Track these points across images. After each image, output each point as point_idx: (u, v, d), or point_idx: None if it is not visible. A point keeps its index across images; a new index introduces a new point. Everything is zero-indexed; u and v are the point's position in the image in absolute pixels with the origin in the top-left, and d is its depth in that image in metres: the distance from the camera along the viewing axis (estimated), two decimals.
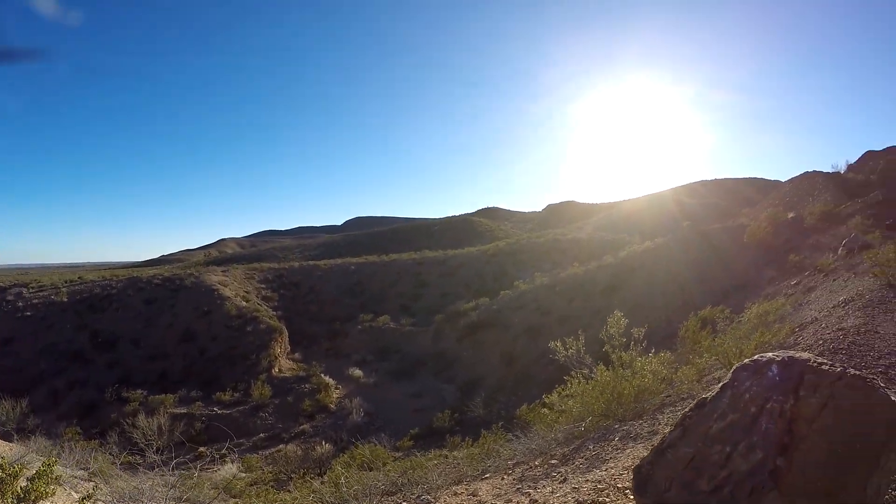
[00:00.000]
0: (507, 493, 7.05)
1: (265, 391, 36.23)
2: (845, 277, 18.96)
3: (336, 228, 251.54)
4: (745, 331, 13.27)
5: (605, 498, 5.93)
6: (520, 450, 9.72)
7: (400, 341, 48.87)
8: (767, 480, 3.61)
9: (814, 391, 3.79)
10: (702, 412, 4.24)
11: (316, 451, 24.59)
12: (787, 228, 33.22)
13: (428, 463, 10.38)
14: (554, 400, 10.88)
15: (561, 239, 74.70)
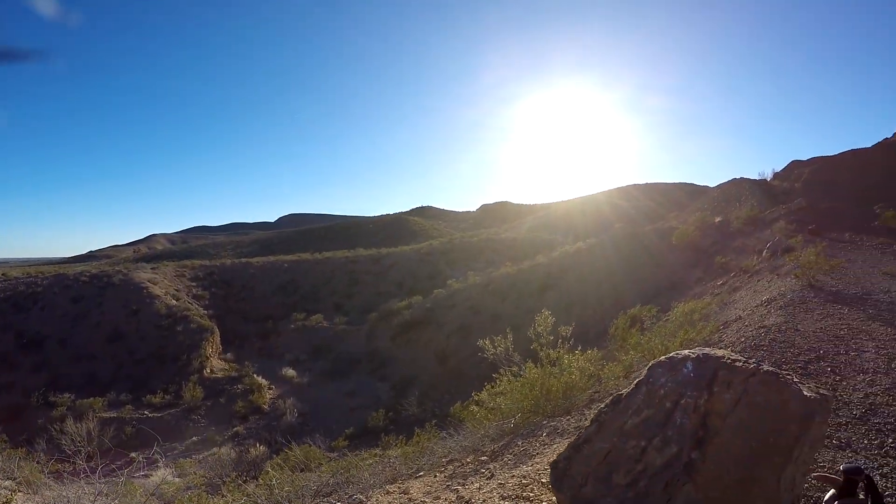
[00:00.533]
0: (437, 491, 7.07)
1: (197, 393, 35.45)
2: (769, 278, 19.56)
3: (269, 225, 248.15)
4: (671, 329, 13.58)
5: (530, 493, 6.00)
6: (453, 447, 9.74)
7: (333, 340, 48.46)
8: (682, 474, 3.70)
9: (728, 387, 3.89)
10: (617, 408, 4.32)
11: (250, 453, 24.23)
12: (715, 231, 34.22)
13: (362, 463, 10.34)
14: (484, 397, 10.94)
15: (494, 239, 75.20)
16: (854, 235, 27.30)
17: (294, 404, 34.31)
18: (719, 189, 59.01)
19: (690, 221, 38.36)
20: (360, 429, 28.69)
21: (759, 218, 34.22)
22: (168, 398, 35.74)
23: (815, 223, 29.56)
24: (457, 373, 33.69)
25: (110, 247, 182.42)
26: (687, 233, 33.70)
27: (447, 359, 37.07)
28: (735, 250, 28.87)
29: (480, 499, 6.14)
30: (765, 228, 31.06)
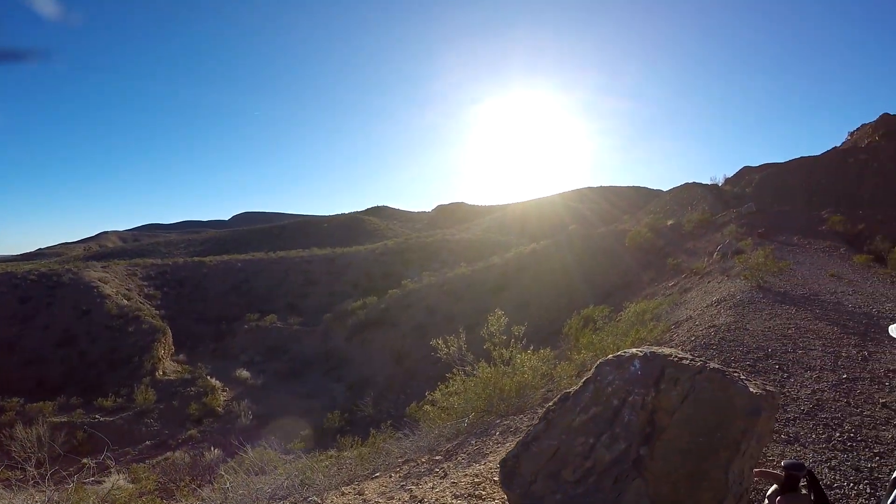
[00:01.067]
0: (391, 491, 7.07)
1: (149, 396, 34.74)
2: (719, 280, 19.94)
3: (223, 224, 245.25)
4: (623, 328, 13.76)
5: (482, 491, 6.02)
6: (408, 448, 9.74)
7: (288, 341, 48.12)
8: (631, 469, 3.77)
9: (674, 384, 3.96)
10: (565, 406, 4.36)
11: (204, 457, 23.87)
12: (667, 234, 34.84)
13: (318, 465, 10.28)
14: (438, 397, 10.96)
15: (450, 239, 75.41)
16: (802, 239, 27.96)
17: (249, 406, 33.90)
18: (672, 193, 60.46)
19: (643, 224, 39.02)
20: (316, 430, 28.49)
21: (711, 221, 34.97)
22: (120, 401, 34.94)
23: (765, 227, 30.30)
24: (413, 373, 33.72)
25: (60, 244, 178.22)
26: (640, 235, 34.24)
27: (403, 359, 37.09)
28: (687, 252, 29.44)
29: (433, 498, 6.15)
30: (716, 231, 31.71)
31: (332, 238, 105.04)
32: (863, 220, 32.33)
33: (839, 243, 27.41)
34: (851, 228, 30.28)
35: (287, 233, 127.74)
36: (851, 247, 26.81)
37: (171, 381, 38.60)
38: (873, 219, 33.09)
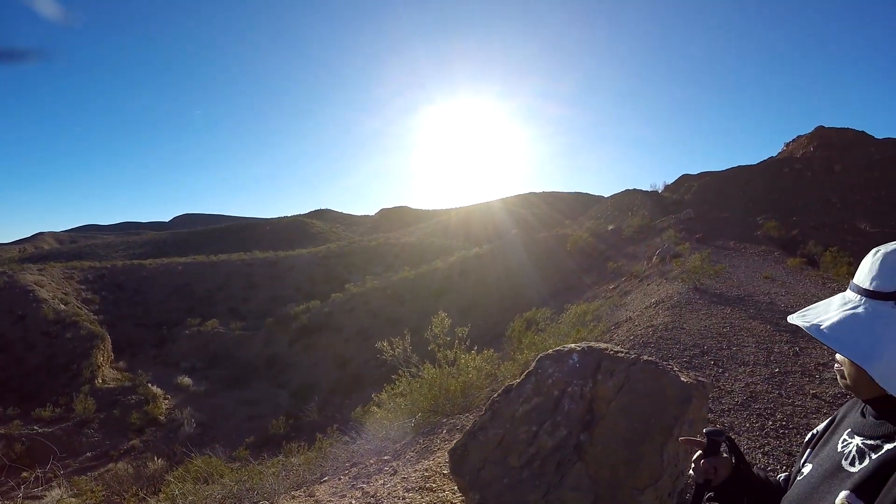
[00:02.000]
0: (343, 490, 7.20)
1: (89, 405, 33.39)
2: (658, 282, 20.48)
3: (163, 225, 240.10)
4: (564, 329, 14.09)
5: (432, 484, 6.22)
6: (356, 451, 9.84)
7: (230, 347, 47.34)
8: (573, 454, 4.06)
9: (611, 375, 4.27)
10: (509, 397, 4.65)
11: (148, 467, 23.41)
12: (608, 239, 35.57)
13: (266, 471, 10.32)
14: (384, 399, 11.11)
15: (393, 243, 75.39)
16: (738, 243, 28.73)
17: (192, 414, 33.20)
18: (613, 199, 61.71)
19: (585, 228, 39.79)
20: (261, 437, 28.20)
21: (650, 226, 35.78)
22: (59, 411, 33.59)
23: (703, 232, 31.11)
24: (357, 377, 33.71)
25: None
26: (582, 239, 34.88)
27: (346, 363, 37.04)
28: (627, 256, 30.09)
29: (385, 493, 6.32)
30: (655, 236, 32.43)
31: (275, 241, 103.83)
32: (797, 225, 33.50)
33: (774, 248, 28.26)
34: (786, 234, 31.26)
35: (229, 235, 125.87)
36: (785, 251, 27.65)
37: (111, 389, 37.40)
38: (806, 225, 34.32)
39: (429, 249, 65.93)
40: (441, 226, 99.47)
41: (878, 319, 1.41)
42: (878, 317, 1.41)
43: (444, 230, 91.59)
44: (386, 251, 70.69)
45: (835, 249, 24.65)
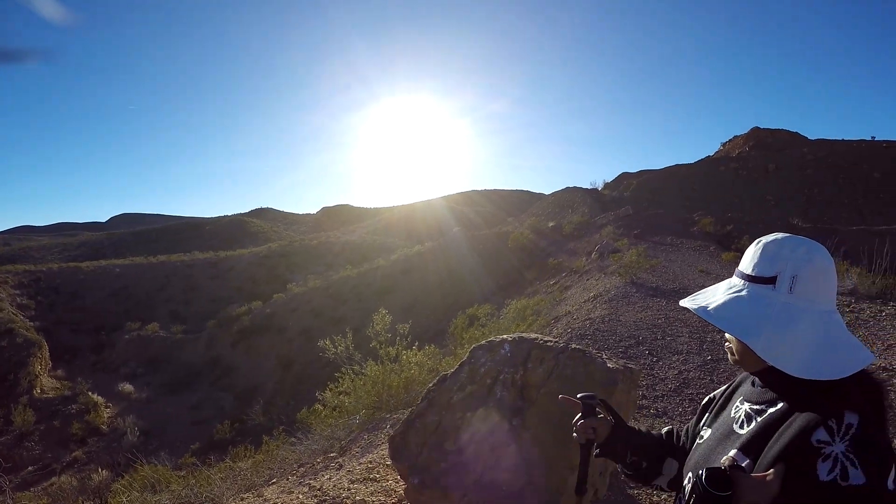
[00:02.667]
0: (291, 488, 7.32)
1: (28, 416, 32.12)
2: (597, 277, 20.95)
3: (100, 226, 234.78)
4: (504, 324, 14.38)
5: (376, 475, 6.42)
6: (303, 451, 9.91)
7: (172, 350, 46.43)
8: (506, 438, 4.30)
9: (540, 363, 4.54)
10: (443, 386, 4.90)
11: (93, 479, 22.87)
12: (549, 235, 36.09)
13: (214, 476, 10.32)
14: (328, 397, 11.21)
15: (335, 241, 75.15)
16: (675, 239, 29.41)
17: (135, 422, 32.29)
18: (554, 196, 62.72)
19: (526, 225, 40.28)
20: (207, 442, 27.74)
21: (590, 223, 36.49)
22: None
23: (640, 228, 31.82)
24: (302, 378, 33.57)
25: None
26: (523, 236, 35.32)
27: (290, 364, 36.86)
28: (567, 252, 30.65)
29: (331, 486, 6.47)
30: (594, 233, 33.07)
31: (215, 241, 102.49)
32: (731, 221, 34.46)
33: (709, 243, 29.02)
34: (721, 229, 32.14)
35: (168, 235, 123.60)
36: (721, 246, 28.40)
37: (50, 399, 36.18)
38: (741, 221, 35.36)
39: (371, 248, 65.92)
40: (383, 224, 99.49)
41: (760, 301, 1.64)
42: (759, 298, 1.65)
43: (387, 228, 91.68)
44: (327, 250, 70.42)
45: None
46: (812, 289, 1.62)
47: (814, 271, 1.62)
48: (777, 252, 1.66)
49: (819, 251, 1.65)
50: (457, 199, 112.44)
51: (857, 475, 1.35)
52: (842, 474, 1.36)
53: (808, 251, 1.64)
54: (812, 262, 1.63)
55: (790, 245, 1.66)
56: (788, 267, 1.63)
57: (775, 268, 1.64)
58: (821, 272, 1.63)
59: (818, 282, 1.63)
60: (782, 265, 1.64)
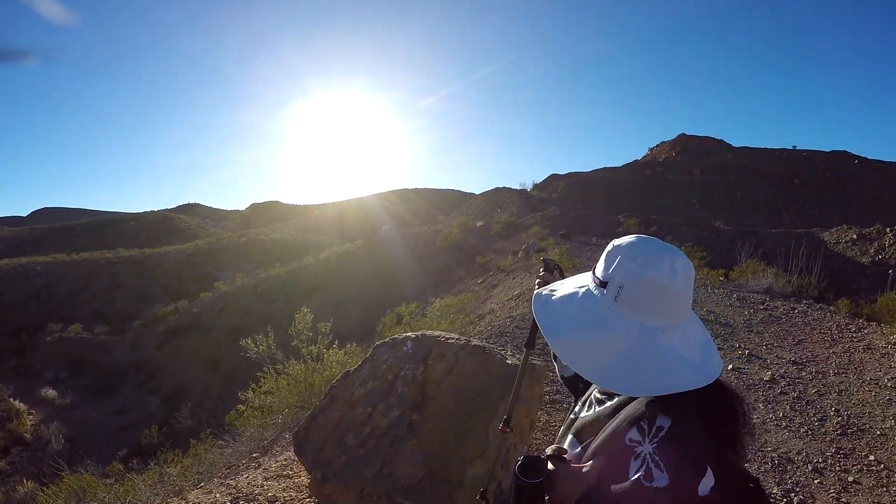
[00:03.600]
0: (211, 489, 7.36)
1: None
2: (522, 276, 21.28)
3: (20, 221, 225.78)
4: (428, 322, 14.55)
5: (290, 471, 6.52)
6: (231, 453, 9.90)
7: (96, 352, 44.93)
8: (406, 432, 4.49)
9: (441, 359, 4.73)
10: (346, 382, 5.06)
11: (18, 491, 22.19)
12: (477, 234, 36.47)
13: (142, 483, 10.21)
14: (251, 397, 11.20)
15: (264, 239, 74.23)
16: (600, 239, 30.00)
17: (59, 429, 30.98)
18: (484, 196, 63.54)
19: (455, 224, 40.52)
20: (134, 448, 27.05)
21: (518, 223, 36.99)
22: None
23: (567, 228, 32.48)
24: (230, 379, 33.10)
25: None
26: (452, 235, 35.63)
27: (219, 365, 36.36)
28: (495, 251, 31.05)
29: (246, 483, 6.55)
30: (522, 232, 33.59)
31: (141, 237, 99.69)
32: (656, 223, 35.33)
33: None
34: (646, 230, 32.77)
35: (91, 231, 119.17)
36: None
37: None
38: (666, 223, 36.26)
39: (301, 246, 65.30)
40: (314, 221, 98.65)
41: (587, 302, 1.66)
42: (587, 300, 1.67)
43: (316, 226, 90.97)
44: (256, 248, 69.52)
45: (689, 245, 26.21)
46: (638, 302, 1.58)
47: (642, 286, 1.58)
48: (614, 258, 1.65)
49: (654, 268, 1.59)
50: (390, 196, 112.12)
51: (661, 477, 1.38)
52: (646, 475, 1.39)
53: (645, 263, 1.59)
54: (642, 277, 1.58)
55: (630, 254, 1.63)
56: (618, 276, 1.60)
57: (608, 273, 1.63)
58: (651, 288, 1.58)
59: (646, 297, 1.58)
60: (615, 272, 1.61)
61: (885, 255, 26.64)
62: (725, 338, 11.51)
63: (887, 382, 9.02)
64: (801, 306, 14.39)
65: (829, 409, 8.09)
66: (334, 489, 4.43)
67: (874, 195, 60.09)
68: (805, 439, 7.20)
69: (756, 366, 9.87)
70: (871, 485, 6.18)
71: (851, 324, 12.61)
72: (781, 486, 6.12)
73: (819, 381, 9.15)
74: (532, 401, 5.06)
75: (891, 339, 11.05)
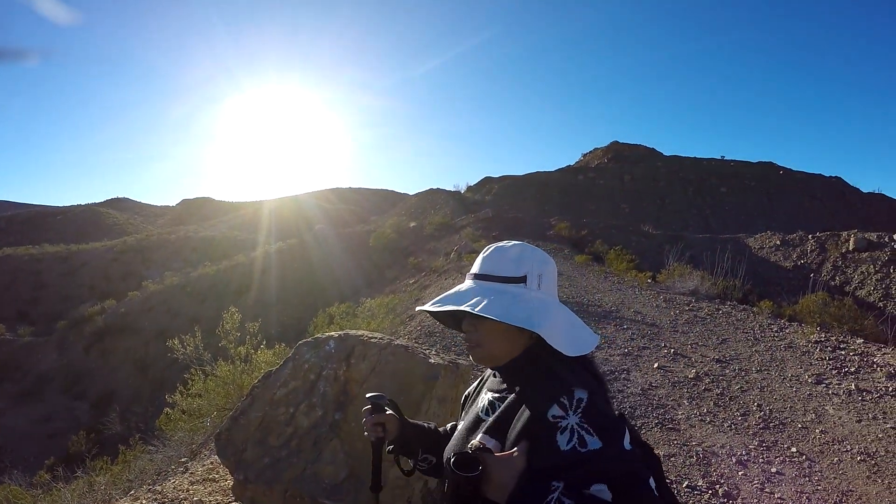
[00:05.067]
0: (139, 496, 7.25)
1: None
2: (454, 277, 21.47)
3: None
4: (358, 322, 14.53)
5: (215, 475, 6.46)
6: (161, 459, 9.74)
7: (19, 355, 43.32)
8: (329, 432, 4.51)
9: (363, 359, 4.76)
10: (267, 382, 5.05)
11: None
12: (410, 235, 36.66)
13: (70, 493, 9.96)
14: (178, 400, 11.01)
15: (194, 236, 73.00)
16: (532, 241, 29.90)
17: None
18: (418, 197, 64.06)
19: (388, 225, 40.67)
20: (62, 456, 26.19)
21: (451, 224, 37.28)
22: None
23: (499, 230, 32.79)
24: (159, 382, 32.42)
25: None
26: (384, 235, 35.77)
27: (147, 368, 35.62)
28: (428, 252, 31.22)
29: (171, 489, 6.46)
30: (455, 233, 33.82)
31: (66, 233, 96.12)
32: (586, 227, 35.99)
33: (564, 245, 30.17)
34: (576, 233, 33.47)
35: (14, 226, 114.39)
36: (575, 248, 29.57)
37: None
38: (596, 226, 36.96)
39: (232, 244, 64.30)
40: (246, 219, 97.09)
41: (521, 297, 1.86)
42: (519, 295, 1.86)
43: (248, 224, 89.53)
44: (187, 245, 68.24)
45: (619, 248, 26.71)
46: (551, 285, 1.93)
47: (550, 271, 1.94)
48: (521, 255, 1.91)
49: (548, 258, 1.98)
50: (326, 195, 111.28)
51: (593, 441, 1.56)
52: (580, 442, 1.57)
53: (544, 255, 1.96)
54: (548, 263, 1.94)
55: (530, 250, 1.95)
56: (535, 268, 1.89)
57: (523, 269, 1.88)
58: (553, 271, 1.96)
59: (552, 279, 1.95)
60: (529, 267, 1.89)
61: (807, 260, 27.53)
62: (651, 337, 11.79)
63: (808, 378, 9.38)
64: (726, 307, 14.83)
65: (751, 404, 8.37)
66: (258, 491, 4.41)
67: (797, 204, 62.27)
68: (729, 433, 7.44)
69: (681, 364, 10.14)
70: (793, 475, 6.43)
71: (773, 324, 13.08)
72: (706, 478, 6.31)
73: (742, 378, 9.47)
74: (456, 400, 5.11)
75: (811, 338, 11.50)
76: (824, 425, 7.67)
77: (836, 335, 11.83)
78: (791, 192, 64.53)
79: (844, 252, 26.40)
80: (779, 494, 6.00)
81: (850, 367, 9.89)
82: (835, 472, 6.52)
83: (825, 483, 6.27)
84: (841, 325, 12.60)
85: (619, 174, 68.53)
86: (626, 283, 19.03)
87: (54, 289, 56.48)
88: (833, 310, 13.51)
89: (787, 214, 59.33)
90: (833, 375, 9.56)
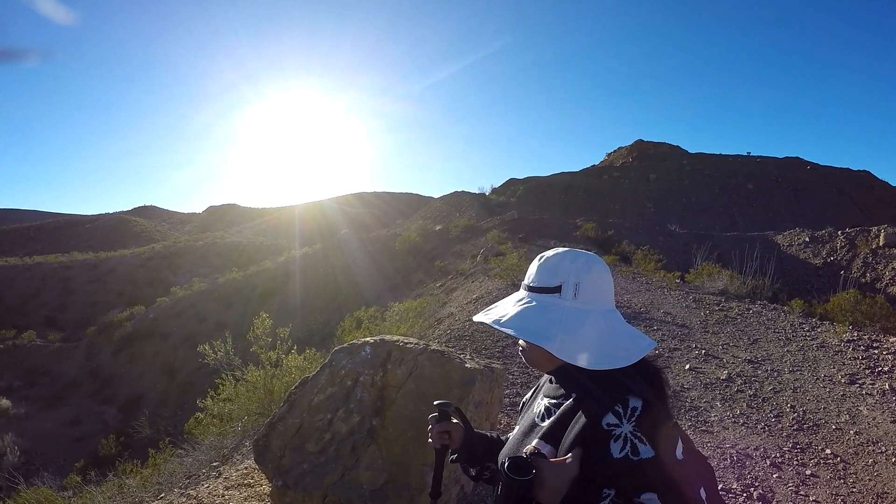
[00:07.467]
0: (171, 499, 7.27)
1: None
2: (480, 280, 21.34)
3: None
4: (387, 326, 14.51)
5: (251, 480, 6.45)
6: (191, 462, 9.77)
7: (49, 361, 43.90)
8: (366, 437, 4.51)
9: (400, 364, 4.76)
10: (305, 388, 5.07)
11: None
12: (435, 238, 36.47)
13: (101, 496, 10.02)
14: (209, 405, 11.05)
15: (220, 243, 73.66)
16: (558, 243, 30.06)
17: (14, 441, 30.17)
18: (443, 200, 63.94)
19: (414, 228, 40.54)
20: (92, 459, 26.37)
21: (476, 227, 37.08)
22: None
23: (525, 232, 32.59)
24: (187, 386, 32.69)
25: None
26: (410, 239, 35.67)
27: (175, 372, 35.89)
28: (454, 255, 31.07)
29: (207, 493, 6.47)
30: (480, 236, 33.61)
31: (95, 241, 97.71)
32: (612, 227, 35.75)
33: (591, 246, 29.83)
34: (602, 234, 33.19)
35: (44, 235, 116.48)
36: (601, 249, 29.25)
37: None
38: (622, 226, 36.76)
39: (258, 249, 64.94)
40: (271, 225, 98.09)
41: (549, 308, 1.86)
42: (548, 306, 1.86)
43: (274, 229, 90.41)
44: (213, 251, 68.94)
45: (646, 248, 26.51)
46: (592, 293, 1.86)
47: (592, 278, 1.87)
48: (558, 264, 1.89)
49: (595, 261, 1.92)
50: (349, 199, 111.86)
51: (646, 450, 1.59)
52: (632, 450, 1.59)
53: (587, 262, 1.89)
54: (590, 271, 1.88)
55: (570, 258, 1.90)
56: (571, 276, 1.85)
57: (559, 278, 1.87)
58: (598, 279, 1.89)
59: (597, 287, 1.88)
60: (565, 275, 1.86)
61: (837, 257, 27.19)
62: (682, 338, 11.68)
63: (841, 379, 9.24)
64: (756, 307, 14.66)
65: (784, 405, 8.26)
66: (296, 497, 4.42)
67: (825, 199, 61.53)
68: (762, 435, 7.35)
69: (713, 365, 10.04)
70: (828, 477, 6.34)
71: (805, 323, 12.90)
72: (741, 481, 6.23)
73: (774, 379, 9.34)
74: (492, 404, 5.10)
75: (843, 337, 11.33)
76: (858, 426, 7.56)
77: (868, 333, 11.64)
78: (819, 188, 63.82)
79: (875, 248, 26.05)
80: (813, 497, 5.93)
81: (884, 367, 9.72)
82: (870, 473, 6.44)
83: (860, 485, 6.19)
84: (873, 324, 12.37)
85: (643, 173, 68.19)
86: (654, 284, 18.85)
87: (83, 295, 57.04)
88: (865, 307, 13.27)
89: (814, 210, 58.68)
90: (867, 375, 9.42)
